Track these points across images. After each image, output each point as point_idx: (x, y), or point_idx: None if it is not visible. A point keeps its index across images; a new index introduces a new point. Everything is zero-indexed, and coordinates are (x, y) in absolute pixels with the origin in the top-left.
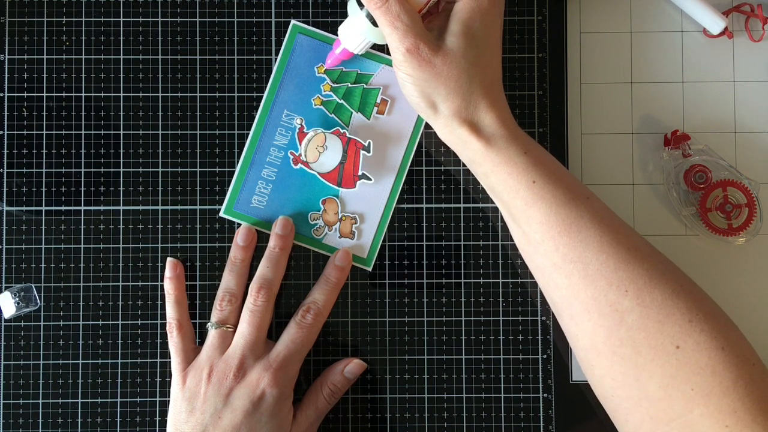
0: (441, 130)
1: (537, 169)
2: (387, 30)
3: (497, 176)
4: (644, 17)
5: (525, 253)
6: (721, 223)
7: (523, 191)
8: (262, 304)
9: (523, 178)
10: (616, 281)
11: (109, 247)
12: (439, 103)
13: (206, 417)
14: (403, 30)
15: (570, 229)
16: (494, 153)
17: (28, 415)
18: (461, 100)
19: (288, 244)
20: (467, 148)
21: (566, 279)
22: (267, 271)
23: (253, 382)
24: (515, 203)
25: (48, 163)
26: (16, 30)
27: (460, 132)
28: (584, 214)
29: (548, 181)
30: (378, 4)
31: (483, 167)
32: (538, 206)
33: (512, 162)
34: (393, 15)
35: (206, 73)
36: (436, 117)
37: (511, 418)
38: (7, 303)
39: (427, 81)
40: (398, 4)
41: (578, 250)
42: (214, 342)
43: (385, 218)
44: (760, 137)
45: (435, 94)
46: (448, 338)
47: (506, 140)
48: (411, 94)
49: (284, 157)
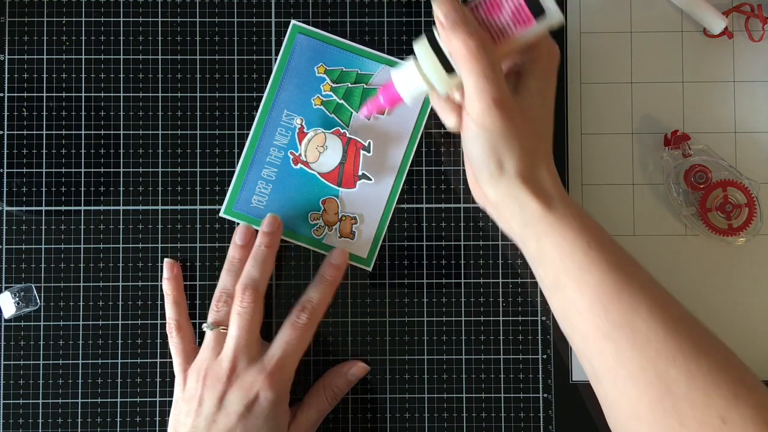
0: (499, 190)
1: (591, 232)
2: (474, 79)
3: (551, 239)
4: (644, 17)
5: (566, 321)
6: (721, 223)
7: (578, 255)
8: (248, 305)
9: (578, 242)
10: (665, 350)
11: (109, 247)
12: (506, 161)
13: (201, 420)
14: (495, 80)
15: (621, 295)
16: (552, 214)
17: (28, 415)
18: (530, 159)
19: (275, 242)
20: (525, 210)
21: (613, 345)
22: (253, 270)
23: (247, 385)
24: (567, 267)
25: (48, 163)
26: (16, 30)
27: (520, 192)
28: (634, 280)
29: (601, 244)
30: (473, 50)
31: (537, 229)
32: (591, 271)
33: (569, 225)
34: (486, 64)
35: (206, 73)
36: (501, 176)
37: (511, 418)
38: (7, 303)
39: (503, 137)
40: (492, 53)
41: (628, 316)
42: (210, 343)
43: (385, 218)
44: (760, 137)
45: (507, 150)
46: (448, 338)
47: (562, 202)
48: (482, 149)
49: (284, 157)
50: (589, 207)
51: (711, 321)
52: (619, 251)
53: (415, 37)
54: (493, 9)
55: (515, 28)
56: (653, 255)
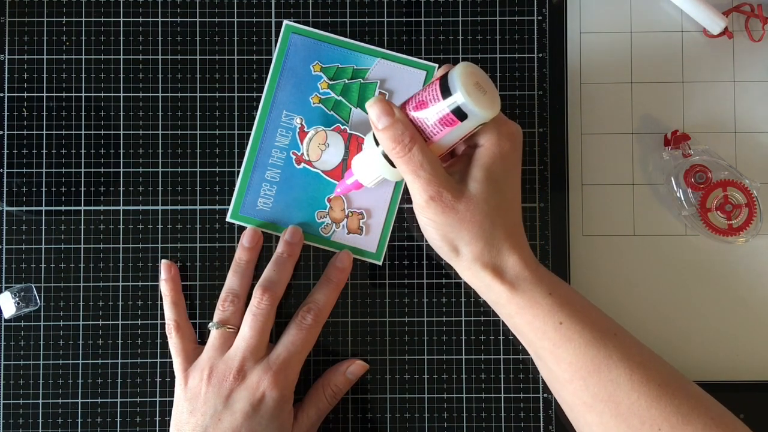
0: (464, 273)
1: (563, 309)
2: (409, 178)
3: (522, 318)
4: (644, 17)
5: (553, 390)
6: (721, 223)
7: (551, 333)
8: (265, 307)
9: (549, 320)
10: (649, 420)
11: (109, 247)
12: (461, 247)
13: (206, 418)
14: (426, 179)
15: (600, 369)
16: (518, 296)
17: (28, 415)
18: (484, 244)
19: (296, 252)
20: (491, 291)
21: (597, 417)
22: (273, 274)
23: (253, 385)
24: (542, 344)
25: (48, 163)
26: (16, 30)
27: (482, 275)
28: (613, 352)
29: (575, 321)
30: (400, 153)
31: (507, 309)
32: (565, 347)
33: (538, 304)
34: (416, 164)
35: (206, 73)
36: (458, 260)
37: (511, 418)
38: (7, 303)
39: (449, 226)
40: (421, 153)
41: (609, 390)
42: (215, 343)
43: (391, 212)
44: (760, 137)
45: (458, 238)
46: (448, 338)
47: (530, 282)
48: (433, 237)
49: (287, 157)
50: (589, 207)
51: (711, 321)
52: (598, 323)
53: (415, 36)
54: (420, 108)
55: (442, 128)
56: (653, 255)
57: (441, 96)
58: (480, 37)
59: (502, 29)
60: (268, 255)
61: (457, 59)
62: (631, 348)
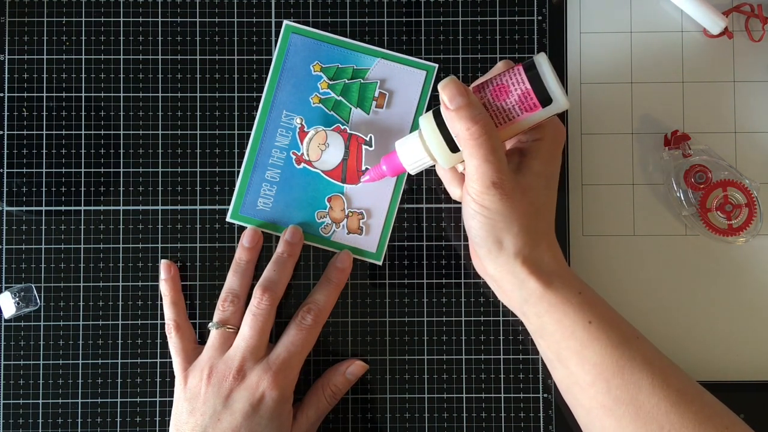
0: (499, 268)
1: (592, 309)
2: (476, 162)
3: (552, 316)
4: (644, 17)
5: (569, 394)
6: (721, 223)
7: (579, 332)
8: (265, 307)
9: (579, 318)
10: (668, 425)
11: (109, 247)
12: (505, 239)
13: (206, 418)
14: (495, 164)
15: (623, 371)
16: (551, 293)
17: (28, 415)
18: (529, 238)
19: (296, 252)
20: (524, 287)
21: (616, 421)
22: (273, 274)
23: (253, 385)
24: (568, 344)
25: (48, 163)
26: (16, 30)
27: (519, 271)
28: (636, 355)
29: (603, 321)
30: (475, 134)
31: (537, 307)
32: (593, 348)
33: (569, 302)
34: (488, 148)
35: (206, 73)
36: (499, 254)
37: (511, 418)
38: (7, 303)
39: (501, 215)
40: (495, 137)
41: (631, 393)
42: (214, 342)
43: (391, 211)
44: (760, 137)
45: (506, 229)
46: (448, 338)
47: (563, 280)
48: (481, 227)
49: (287, 157)
50: (589, 207)
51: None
52: (622, 325)
53: (415, 36)
54: (500, 93)
55: (521, 113)
56: (653, 255)
57: (527, 80)
58: (480, 37)
59: (502, 29)
60: (268, 255)
61: (457, 59)
62: (652, 352)
